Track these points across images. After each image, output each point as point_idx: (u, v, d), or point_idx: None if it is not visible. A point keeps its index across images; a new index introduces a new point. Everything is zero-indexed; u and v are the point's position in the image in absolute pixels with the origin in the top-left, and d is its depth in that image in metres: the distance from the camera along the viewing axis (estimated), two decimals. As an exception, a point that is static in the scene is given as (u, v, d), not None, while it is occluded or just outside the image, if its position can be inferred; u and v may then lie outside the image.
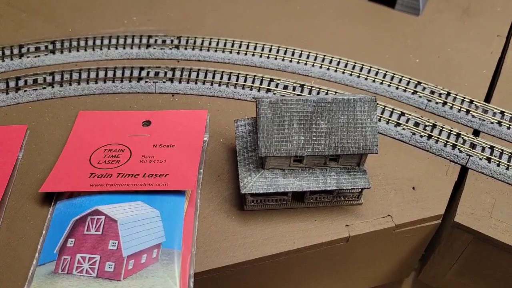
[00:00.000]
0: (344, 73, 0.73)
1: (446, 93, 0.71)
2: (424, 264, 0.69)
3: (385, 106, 0.69)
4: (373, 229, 0.57)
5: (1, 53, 0.73)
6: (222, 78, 0.71)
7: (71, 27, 0.79)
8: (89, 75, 0.70)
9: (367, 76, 0.73)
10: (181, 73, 0.71)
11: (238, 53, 0.75)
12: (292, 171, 0.56)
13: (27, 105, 0.68)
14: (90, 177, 0.57)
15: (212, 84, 0.70)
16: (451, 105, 0.70)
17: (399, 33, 0.83)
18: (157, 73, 0.71)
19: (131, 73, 0.71)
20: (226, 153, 0.63)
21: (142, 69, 0.72)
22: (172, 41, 0.76)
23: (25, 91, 0.68)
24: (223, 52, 0.75)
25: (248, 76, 0.72)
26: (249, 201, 0.57)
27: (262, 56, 0.75)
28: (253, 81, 0.71)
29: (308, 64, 0.74)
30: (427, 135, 0.66)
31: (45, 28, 0.79)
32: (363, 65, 0.74)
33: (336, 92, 0.70)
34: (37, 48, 0.74)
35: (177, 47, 0.75)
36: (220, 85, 0.70)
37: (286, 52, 0.76)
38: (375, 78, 0.73)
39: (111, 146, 0.61)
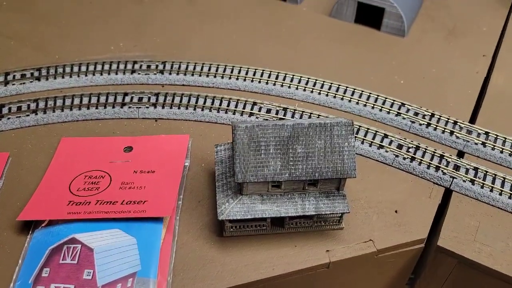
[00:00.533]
0: (328, 95, 0.73)
1: (430, 114, 0.71)
2: (412, 289, 0.68)
3: (368, 128, 0.68)
4: (354, 254, 0.57)
5: (-13, 81, 0.74)
6: (205, 102, 0.71)
7: (58, 54, 0.80)
8: (73, 102, 0.71)
9: (351, 98, 0.73)
10: (165, 98, 0.72)
11: (222, 77, 0.76)
12: (271, 196, 0.55)
13: (10, 132, 0.68)
14: (68, 204, 0.57)
15: (195, 108, 0.71)
16: (435, 126, 0.69)
17: (385, 55, 0.83)
18: (140, 99, 0.72)
19: (115, 99, 0.71)
20: (207, 178, 0.63)
21: (126, 94, 0.72)
22: (157, 66, 0.77)
23: (8, 118, 0.68)
24: (207, 76, 0.76)
25: (231, 100, 0.72)
26: (227, 227, 0.56)
27: (246, 80, 0.75)
28: (236, 105, 0.71)
29: (291, 87, 0.74)
30: (410, 157, 0.65)
31: (32, 55, 0.79)
32: (347, 87, 0.74)
33: (319, 115, 0.70)
34: (22, 75, 0.75)
35: (162, 72, 0.76)
36: (203, 109, 0.71)
37: (270, 75, 0.76)
38: (359, 100, 0.72)
39: (92, 172, 0.61)
